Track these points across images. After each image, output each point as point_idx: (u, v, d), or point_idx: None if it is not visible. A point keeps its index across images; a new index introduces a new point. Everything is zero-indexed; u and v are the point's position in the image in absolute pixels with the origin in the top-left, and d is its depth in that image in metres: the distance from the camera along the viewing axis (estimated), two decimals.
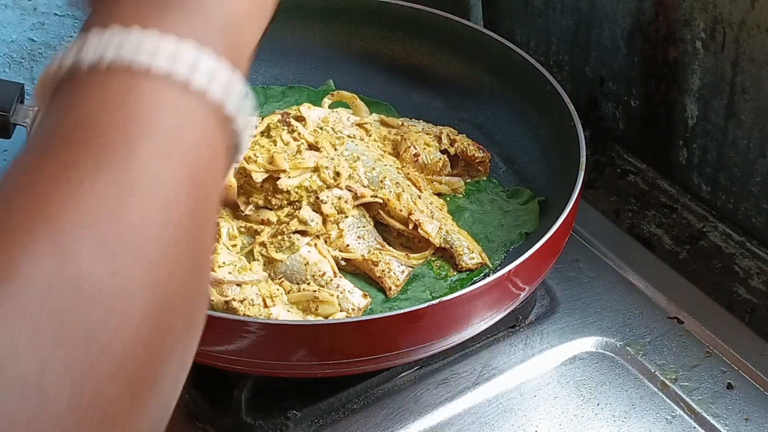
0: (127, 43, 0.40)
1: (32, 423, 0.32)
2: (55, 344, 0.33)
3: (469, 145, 0.97)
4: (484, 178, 0.98)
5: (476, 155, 0.96)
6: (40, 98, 0.42)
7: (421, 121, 1.00)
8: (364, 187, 0.90)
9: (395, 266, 0.87)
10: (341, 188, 0.88)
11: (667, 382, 0.86)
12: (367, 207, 0.90)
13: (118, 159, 0.37)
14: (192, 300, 0.39)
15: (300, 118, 0.94)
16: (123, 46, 0.40)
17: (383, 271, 0.87)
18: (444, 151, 0.96)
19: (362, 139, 0.95)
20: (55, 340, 0.33)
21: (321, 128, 0.94)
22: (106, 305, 0.35)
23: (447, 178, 0.96)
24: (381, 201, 0.89)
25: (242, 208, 0.88)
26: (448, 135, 0.97)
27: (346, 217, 0.88)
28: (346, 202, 0.88)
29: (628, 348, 0.88)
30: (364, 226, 0.89)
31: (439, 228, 0.89)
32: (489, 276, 0.79)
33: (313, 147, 0.90)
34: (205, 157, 0.41)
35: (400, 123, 0.99)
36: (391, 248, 0.89)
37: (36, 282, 0.34)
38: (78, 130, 0.39)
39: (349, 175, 0.90)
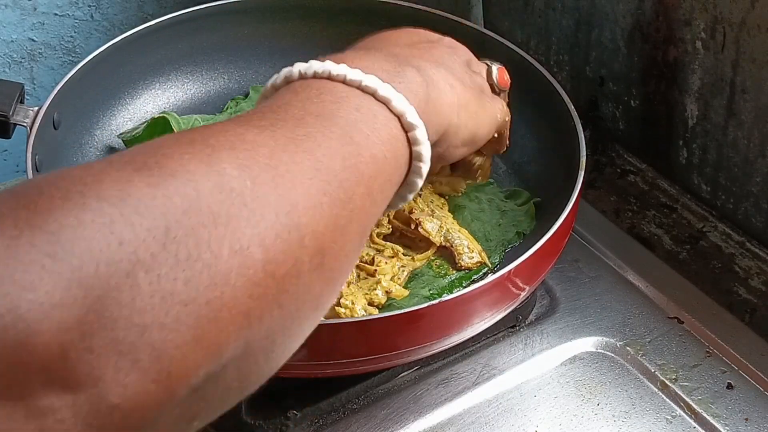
0: (332, 66, 0.53)
1: (153, 258, 0.37)
2: (183, 214, 0.39)
3: None
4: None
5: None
6: (259, 102, 0.54)
7: None
8: None
9: (396, 266, 0.87)
10: None
11: (667, 382, 0.86)
12: None
13: (285, 128, 0.46)
14: (323, 243, 0.45)
15: None
16: (329, 68, 0.53)
17: None
18: None
19: None
20: (184, 211, 0.39)
21: None
22: (239, 205, 0.40)
23: (447, 178, 0.96)
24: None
25: None
26: None
27: None
28: None
29: (628, 348, 0.88)
30: None
31: (440, 226, 0.89)
32: (488, 275, 0.79)
33: None
34: (373, 152, 0.49)
35: None
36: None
37: (181, 173, 0.40)
38: (267, 108, 0.49)
39: None
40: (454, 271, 0.88)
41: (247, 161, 0.42)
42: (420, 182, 0.57)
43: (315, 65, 0.53)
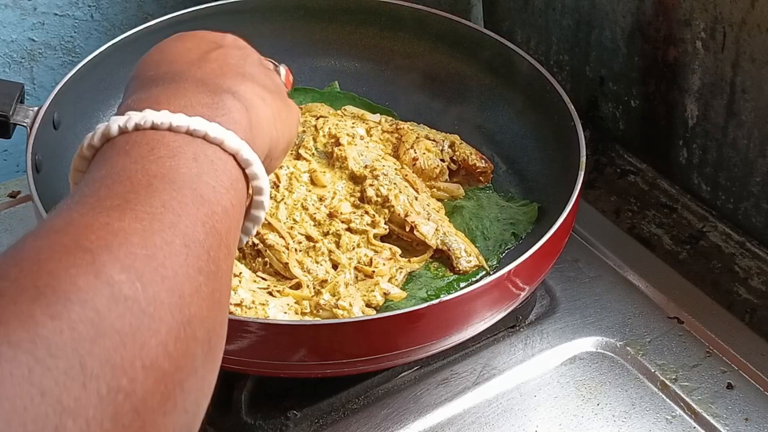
0: (154, 116, 0.50)
1: (77, 402, 0.36)
2: (92, 343, 0.37)
3: (471, 154, 0.96)
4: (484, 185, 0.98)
5: (477, 164, 0.96)
6: (75, 169, 0.52)
7: (428, 128, 1.00)
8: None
9: (393, 268, 0.88)
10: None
11: (667, 382, 0.86)
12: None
13: (141, 202, 0.44)
14: (209, 328, 0.44)
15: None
16: (151, 118, 0.50)
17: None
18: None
19: (362, 138, 0.95)
20: (92, 340, 0.37)
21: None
22: (138, 313, 0.40)
23: (445, 184, 0.96)
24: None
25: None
26: (452, 144, 0.97)
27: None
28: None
29: (628, 348, 0.88)
30: None
31: (436, 229, 0.89)
32: (487, 277, 0.79)
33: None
34: (223, 205, 0.48)
35: (403, 127, 0.99)
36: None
37: (75, 293, 0.38)
38: (107, 179, 0.46)
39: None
40: (452, 274, 0.88)
41: (128, 259, 0.41)
42: (263, 214, 0.55)
43: (135, 117, 0.49)
